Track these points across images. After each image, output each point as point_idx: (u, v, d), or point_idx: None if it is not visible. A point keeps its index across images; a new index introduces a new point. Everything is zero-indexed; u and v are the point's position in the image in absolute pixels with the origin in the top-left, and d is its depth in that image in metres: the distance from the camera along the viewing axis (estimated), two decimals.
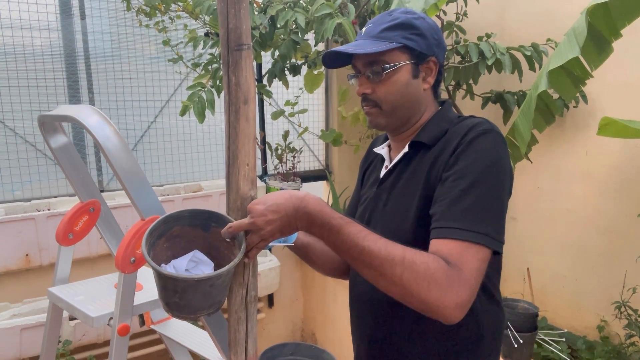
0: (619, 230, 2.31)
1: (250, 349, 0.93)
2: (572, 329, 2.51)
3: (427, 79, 1.12)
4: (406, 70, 1.09)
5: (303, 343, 1.07)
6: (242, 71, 0.88)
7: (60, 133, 1.80)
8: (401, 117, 1.14)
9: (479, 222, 0.94)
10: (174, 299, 0.85)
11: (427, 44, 1.10)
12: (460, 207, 0.95)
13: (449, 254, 0.91)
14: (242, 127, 0.89)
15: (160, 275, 0.84)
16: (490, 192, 0.97)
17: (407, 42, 1.08)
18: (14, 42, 2.49)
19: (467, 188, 0.96)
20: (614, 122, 1.60)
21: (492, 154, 1.00)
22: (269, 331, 3.31)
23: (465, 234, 0.93)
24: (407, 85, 1.10)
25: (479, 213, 0.95)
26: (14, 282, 2.52)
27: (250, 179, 0.93)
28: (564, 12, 2.40)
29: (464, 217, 0.94)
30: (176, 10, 2.57)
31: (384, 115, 1.13)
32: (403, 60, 1.09)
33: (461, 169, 0.99)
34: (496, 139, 1.02)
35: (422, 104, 1.14)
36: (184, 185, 3.01)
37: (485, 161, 0.99)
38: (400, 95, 1.10)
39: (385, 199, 1.15)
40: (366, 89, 1.12)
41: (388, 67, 1.08)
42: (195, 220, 0.94)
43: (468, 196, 0.96)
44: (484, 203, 0.96)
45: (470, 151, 1.00)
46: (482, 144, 1.01)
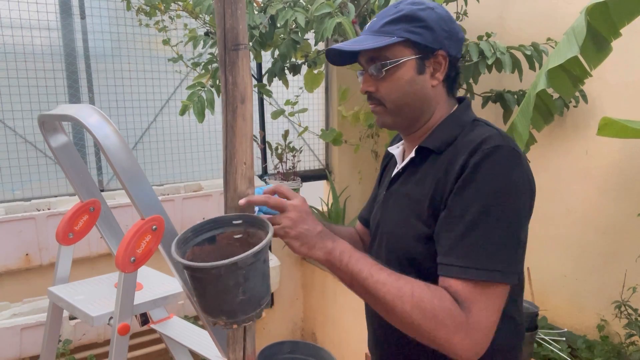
0: (619, 230, 2.31)
1: (249, 347, 0.93)
2: (572, 328, 2.51)
3: (435, 75, 1.04)
4: (410, 66, 1.02)
5: (301, 341, 1.07)
6: (239, 71, 0.88)
7: (60, 132, 1.80)
8: (408, 116, 1.07)
9: (489, 257, 0.89)
10: (240, 297, 0.82)
11: (435, 36, 1.01)
12: (468, 242, 0.90)
13: (458, 294, 0.89)
14: (239, 126, 0.90)
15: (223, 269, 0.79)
16: (500, 221, 0.90)
17: (409, 35, 1.01)
18: (14, 42, 2.49)
19: (475, 219, 0.90)
20: (613, 122, 1.60)
21: (501, 176, 0.91)
22: (269, 330, 3.31)
23: (474, 273, 0.88)
24: (412, 82, 1.03)
25: (489, 247, 0.89)
26: (14, 282, 2.52)
27: (248, 177, 0.93)
28: (564, 12, 2.40)
29: (472, 253, 0.89)
30: (176, 10, 2.57)
31: (390, 114, 1.08)
32: (406, 55, 1.02)
33: (468, 197, 0.92)
34: (507, 157, 0.93)
35: (432, 101, 1.07)
36: (184, 184, 3.01)
37: (493, 186, 0.91)
38: (403, 93, 1.04)
39: (391, 204, 1.12)
40: (369, 87, 1.07)
41: (388, 64, 1.02)
42: (200, 236, 0.93)
43: (476, 229, 0.90)
44: (493, 235, 0.90)
45: (477, 176, 0.92)
46: (490, 166, 0.92)
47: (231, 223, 0.92)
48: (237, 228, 0.93)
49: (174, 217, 2.77)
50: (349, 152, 3.38)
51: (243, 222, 0.92)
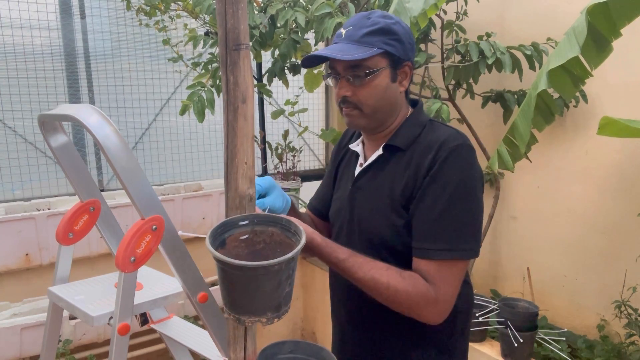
0: (619, 230, 2.31)
1: (249, 346, 0.93)
2: (572, 328, 2.51)
3: (402, 83, 1.18)
4: (385, 74, 1.14)
5: (302, 341, 1.07)
6: (240, 71, 0.88)
7: (60, 132, 1.80)
8: (380, 119, 1.19)
9: (457, 239, 1.07)
10: (287, 289, 0.84)
11: (404, 49, 1.15)
12: (439, 226, 1.07)
13: (428, 273, 1.07)
14: (240, 126, 0.90)
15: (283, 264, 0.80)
16: (465, 207, 1.08)
17: (387, 47, 1.12)
18: (14, 42, 2.49)
19: (444, 208, 1.07)
20: (614, 122, 1.60)
21: (464, 170, 1.09)
22: (269, 330, 3.31)
23: (445, 254, 1.07)
24: (387, 89, 1.16)
25: (456, 230, 1.07)
26: (14, 282, 2.52)
27: (249, 177, 0.93)
28: (564, 12, 2.40)
29: (442, 236, 1.07)
30: (176, 10, 2.57)
31: (364, 117, 1.18)
32: (383, 65, 1.14)
33: (437, 188, 1.08)
34: (467, 153, 1.10)
35: (398, 106, 1.21)
36: (184, 184, 3.01)
37: (458, 179, 1.08)
38: (380, 99, 1.16)
39: (361, 197, 1.24)
40: (346, 92, 1.16)
41: (370, 72, 1.13)
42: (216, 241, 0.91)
43: (445, 215, 1.07)
44: (460, 219, 1.07)
45: (444, 170, 1.08)
46: (454, 162, 1.09)
47: (238, 224, 0.92)
48: (243, 229, 0.92)
49: (174, 217, 2.77)
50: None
51: (249, 222, 0.92)
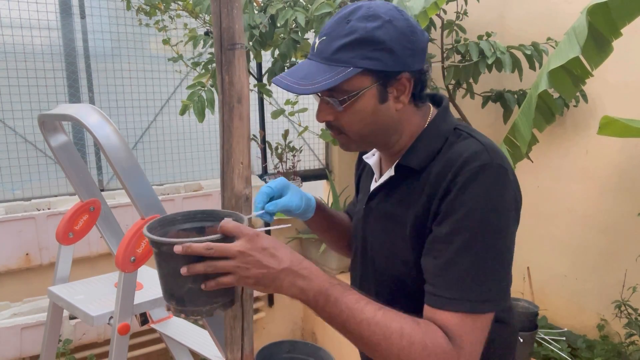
0: (619, 229, 2.30)
1: (247, 346, 0.93)
2: (572, 328, 2.51)
3: (400, 98, 0.93)
4: (370, 95, 0.91)
5: (300, 341, 1.07)
6: (235, 70, 0.88)
7: (60, 132, 1.80)
8: (374, 142, 1.00)
9: (479, 288, 0.84)
10: (188, 285, 0.79)
11: (396, 59, 0.89)
12: (456, 272, 0.84)
13: (447, 327, 0.84)
14: (236, 126, 0.90)
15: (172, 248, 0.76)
16: (489, 247, 0.85)
17: (368, 64, 0.88)
18: (14, 41, 2.50)
19: (463, 247, 0.84)
20: (614, 121, 1.60)
21: (489, 200, 0.85)
22: (269, 330, 3.31)
23: (465, 306, 0.83)
24: (374, 112, 0.92)
25: (478, 277, 0.84)
26: (14, 281, 2.52)
27: (245, 177, 0.93)
28: (564, 11, 2.40)
29: (461, 283, 0.84)
30: (176, 9, 2.57)
31: (354, 143, 0.99)
32: (366, 84, 0.89)
33: (455, 222, 0.85)
34: (495, 177, 0.86)
35: (398, 125, 0.97)
36: (184, 184, 3.01)
37: (481, 211, 0.85)
38: (365, 124, 0.94)
39: (373, 222, 1.05)
40: (327, 117, 0.95)
41: (347, 99, 0.90)
42: (189, 223, 0.92)
43: (464, 257, 0.84)
44: (482, 263, 0.84)
45: (464, 199, 0.85)
46: (477, 188, 0.85)
47: (222, 219, 0.92)
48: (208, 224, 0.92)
49: None
50: (349, 152, 3.37)
51: (233, 220, 0.92)
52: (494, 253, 0.85)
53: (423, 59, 0.94)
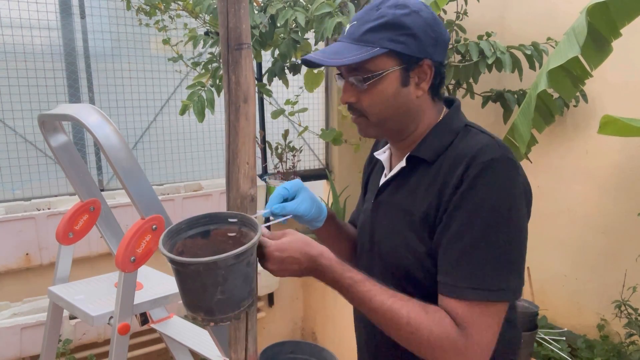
0: (619, 229, 2.31)
1: (251, 347, 0.93)
2: (572, 327, 2.51)
3: (420, 85, 0.98)
4: (394, 77, 0.96)
5: (302, 341, 1.07)
6: (242, 70, 0.88)
7: (60, 132, 1.80)
8: (392, 128, 1.02)
9: (492, 277, 0.86)
10: (217, 296, 0.81)
11: (420, 45, 0.94)
12: (470, 260, 0.87)
13: (457, 315, 0.87)
14: (242, 126, 0.90)
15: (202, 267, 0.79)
16: (501, 237, 0.87)
17: (393, 45, 0.93)
18: (14, 41, 2.49)
19: (476, 237, 0.87)
20: (614, 121, 1.60)
21: (500, 191, 0.88)
22: (269, 330, 3.31)
23: (478, 294, 0.86)
24: (396, 95, 0.97)
25: (491, 266, 0.87)
26: (14, 281, 2.52)
27: (250, 177, 0.93)
28: (564, 11, 2.40)
29: (474, 273, 0.87)
30: (176, 9, 2.57)
31: (373, 127, 1.02)
32: (390, 66, 0.95)
33: (467, 213, 0.88)
34: (505, 169, 0.89)
35: (417, 112, 1.01)
36: (184, 184, 3.01)
37: (493, 202, 0.87)
38: (386, 107, 0.98)
39: (382, 214, 1.07)
40: (350, 98, 1.00)
41: (371, 77, 0.95)
42: (193, 229, 0.92)
43: (477, 247, 0.87)
44: (495, 253, 0.87)
45: (476, 190, 0.88)
46: (489, 180, 0.88)
47: (227, 220, 0.92)
48: (232, 226, 0.92)
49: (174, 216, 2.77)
50: (349, 152, 3.38)
51: (238, 221, 0.92)
52: (508, 243, 0.87)
53: (444, 53, 0.99)
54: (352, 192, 3.42)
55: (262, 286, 2.98)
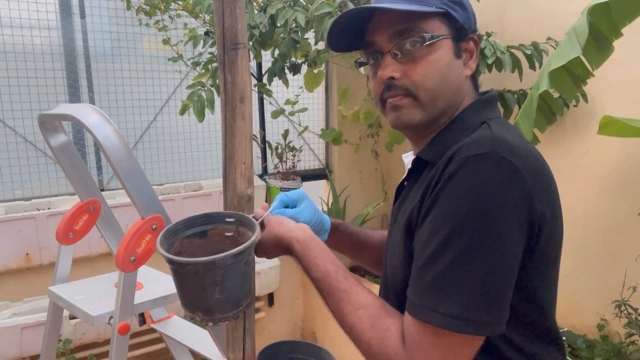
0: (620, 229, 2.30)
1: (248, 347, 0.93)
2: (572, 327, 2.51)
3: (468, 63, 0.86)
4: (448, 47, 0.82)
5: (301, 341, 1.07)
6: (238, 70, 0.88)
7: (60, 132, 1.80)
8: (441, 110, 0.85)
9: (449, 300, 0.70)
10: (216, 295, 0.81)
11: (467, 16, 0.84)
12: (428, 276, 0.72)
13: (408, 334, 0.73)
14: (238, 126, 0.90)
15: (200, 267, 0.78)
16: (470, 253, 0.69)
17: (449, 8, 0.81)
18: (14, 41, 2.49)
19: (438, 249, 0.72)
20: (614, 121, 1.60)
21: (475, 194, 0.70)
22: (269, 330, 3.31)
23: (428, 315, 0.71)
24: (450, 67, 0.82)
25: (451, 287, 0.70)
26: (14, 281, 2.52)
27: (247, 177, 0.93)
28: (565, 11, 2.40)
29: (430, 291, 0.72)
30: (176, 9, 2.57)
31: (420, 108, 0.84)
32: (444, 32, 0.81)
33: (435, 219, 0.73)
34: (489, 168, 0.71)
35: (462, 96, 0.86)
36: (184, 184, 3.01)
37: (464, 207, 0.70)
38: (442, 80, 0.82)
39: (393, 224, 0.95)
40: (394, 72, 0.82)
41: (428, 38, 0.80)
42: (191, 229, 0.92)
43: (438, 261, 0.71)
44: (458, 271, 0.70)
45: (447, 192, 0.72)
46: (462, 180, 0.71)
47: (224, 220, 0.92)
48: (229, 226, 0.92)
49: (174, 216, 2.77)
50: (349, 152, 3.38)
51: (235, 221, 0.92)
52: (475, 261, 0.69)
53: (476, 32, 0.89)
54: (352, 192, 3.42)
55: (262, 286, 2.98)
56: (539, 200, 0.75)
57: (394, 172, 3.51)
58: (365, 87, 3.09)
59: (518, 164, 0.72)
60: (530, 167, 0.74)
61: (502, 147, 0.73)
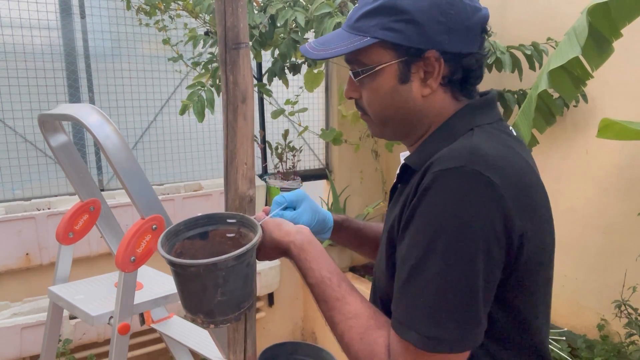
0: (619, 229, 2.31)
1: (250, 348, 0.93)
2: (572, 327, 2.51)
3: (427, 82, 0.81)
4: (390, 72, 0.81)
5: (302, 342, 1.07)
6: (239, 70, 0.88)
7: (60, 132, 1.80)
8: (396, 130, 0.88)
9: (424, 319, 0.71)
10: (217, 297, 0.81)
11: (422, 32, 0.77)
12: (407, 294, 0.74)
13: (393, 349, 0.75)
14: (240, 126, 0.89)
15: (202, 268, 0.78)
16: (442, 272, 0.70)
17: (385, 35, 0.78)
18: (14, 41, 2.49)
19: (414, 267, 0.72)
20: (613, 124, 1.60)
21: (447, 210, 0.70)
22: (269, 330, 3.31)
23: (410, 336, 0.72)
24: (393, 92, 0.82)
25: (425, 306, 0.71)
26: (14, 281, 2.52)
27: (249, 178, 0.93)
28: (564, 11, 2.40)
29: (408, 309, 0.73)
30: (176, 9, 2.57)
31: (376, 127, 0.89)
32: (385, 59, 0.80)
33: (410, 235, 0.74)
34: (464, 183, 0.70)
35: (426, 113, 0.84)
36: (184, 184, 3.01)
37: (435, 224, 0.70)
38: (384, 106, 0.84)
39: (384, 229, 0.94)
40: (352, 93, 0.89)
41: (361, 72, 0.83)
42: (192, 230, 0.92)
43: (414, 280, 0.72)
44: (431, 290, 0.70)
45: (421, 208, 0.73)
46: (437, 195, 0.71)
47: (225, 221, 0.92)
48: (230, 227, 0.92)
49: (174, 216, 2.77)
50: (349, 152, 3.38)
51: (237, 222, 0.92)
52: (447, 281, 0.70)
53: (468, 40, 0.80)
54: (352, 192, 3.43)
55: (262, 286, 2.98)
56: (519, 216, 0.72)
57: (394, 172, 3.51)
58: None
59: (494, 179, 0.70)
60: (509, 181, 0.72)
61: (478, 160, 0.71)
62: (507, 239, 0.72)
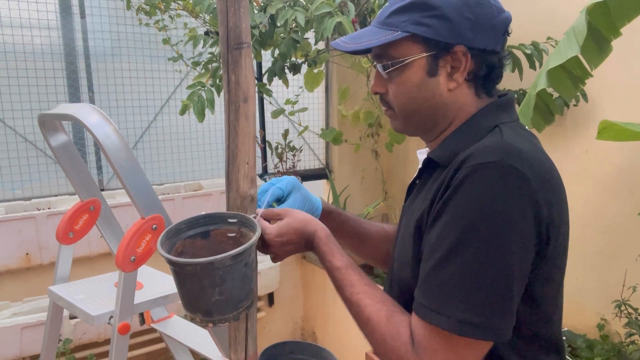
0: (619, 229, 2.31)
1: (250, 347, 0.93)
2: (572, 327, 2.51)
3: (453, 76, 0.85)
4: (419, 66, 0.84)
5: (303, 341, 1.07)
6: (241, 70, 0.88)
7: (60, 132, 1.80)
8: (421, 124, 0.90)
9: (457, 303, 0.73)
10: (215, 297, 0.81)
11: (452, 28, 0.81)
12: (437, 279, 0.76)
13: (417, 335, 0.77)
14: (241, 126, 0.90)
15: (199, 267, 0.79)
16: (477, 259, 0.72)
17: (417, 29, 0.82)
18: (14, 41, 2.49)
19: (446, 254, 0.75)
20: (612, 125, 1.60)
21: (482, 203, 0.72)
22: (269, 330, 3.31)
23: (435, 318, 0.74)
24: (421, 86, 0.85)
25: (459, 291, 0.73)
26: (14, 281, 2.52)
27: (250, 177, 0.93)
28: (564, 11, 2.40)
29: (438, 294, 0.75)
30: (176, 9, 2.57)
31: (399, 121, 0.92)
32: (414, 53, 0.84)
33: (444, 224, 0.76)
34: (496, 177, 0.73)
35: (450, 108, 0.87)
36: (184, 184, 3.01)
37: (472, 214, 0.73)
38: (411, 99, 0.87)
39: (401, 223, 0.98)
40: (378, 88, 0.91)
41: (391, 65, 0.86)
42: (193, 229, 0.92)
43: (447, 265, 0.74)
44: (466, 276, 0.73)
45: (456, 199, 0.75)
46: (473, 189, 0.74)
47: (226, 221, 0.92)
48: (231, 226, 0.92)
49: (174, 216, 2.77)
50: (349, 152, 3.38)
51: (238, 221, 0.92)
52: (482, 267, 0.72)
53: (492, 38, 0.84)
54: (352, 192, 3.43)
55: (262, 286, 2.98)
56: (548, 209, 0.76)
57: (394, 171, 3.52)
58: (365, 87, 3.10)
59: (527, 173, 0.74)
60: (540, 176, 0.76)
61: (512, 154, 0.75)
62: (538, 231, 0.76)
